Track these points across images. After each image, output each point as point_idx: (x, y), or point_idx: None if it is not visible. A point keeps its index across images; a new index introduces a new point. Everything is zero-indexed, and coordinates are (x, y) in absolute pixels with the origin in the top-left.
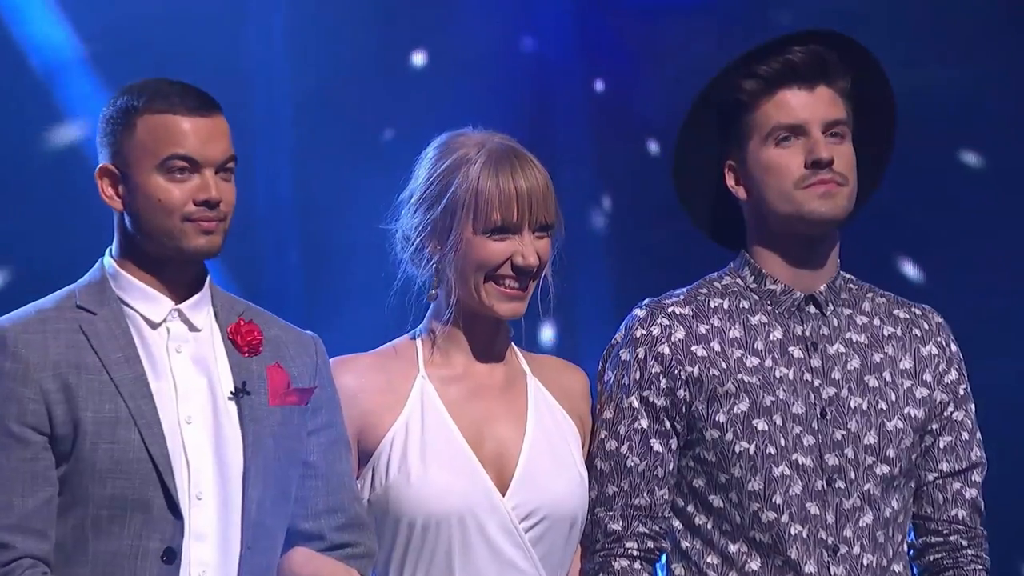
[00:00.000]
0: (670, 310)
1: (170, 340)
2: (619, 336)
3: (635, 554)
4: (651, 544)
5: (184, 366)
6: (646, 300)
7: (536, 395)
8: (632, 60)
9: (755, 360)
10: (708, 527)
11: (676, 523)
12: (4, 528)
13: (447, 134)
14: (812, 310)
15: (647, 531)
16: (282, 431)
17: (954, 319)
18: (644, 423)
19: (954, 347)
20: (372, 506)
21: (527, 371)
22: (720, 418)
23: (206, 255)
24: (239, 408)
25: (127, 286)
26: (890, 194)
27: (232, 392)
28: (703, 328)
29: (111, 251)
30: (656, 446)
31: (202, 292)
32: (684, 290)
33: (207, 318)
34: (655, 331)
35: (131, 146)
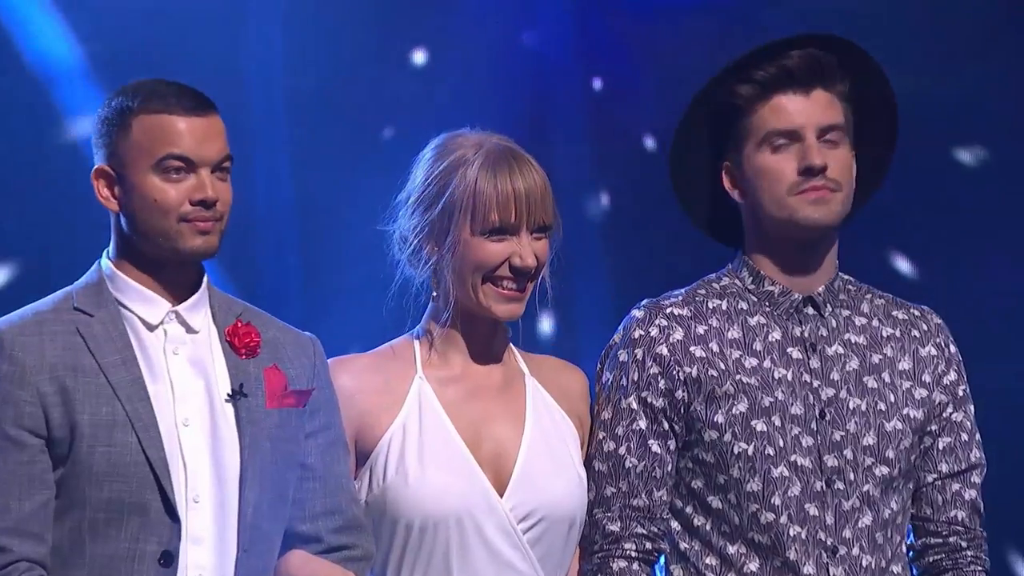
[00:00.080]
0: (668, 311)
1: (167, 342)
2: (617, 337)
3: (633, 555)
4: (649, 545)
5: (181, 368)
6: (644, 301)
7: (534, 395)
8: (631, 59)
9: (754, 361)
10: (707, 528)
11: (675, 524)
12: (1, 531)
13: (445, 135)
14: (810, 311)
15: (645, 532)
16: (279, 433)
17: (953, 319)
18: (642, 424)
19: (953, 348)
20: (369, 507)
21: (525, 371)
22: (719, 419)
23: (203, 256)
24: (236, 410)
25: (124, 288)
26: (889, 194)
27: (229, 394)
28: (701, 329)
29: (108, 253)
30: (654, 447)
31: (199, 293)
32: (682, 291)
33: (205, 320)
34: (653, 332)
35: (127, 147)
